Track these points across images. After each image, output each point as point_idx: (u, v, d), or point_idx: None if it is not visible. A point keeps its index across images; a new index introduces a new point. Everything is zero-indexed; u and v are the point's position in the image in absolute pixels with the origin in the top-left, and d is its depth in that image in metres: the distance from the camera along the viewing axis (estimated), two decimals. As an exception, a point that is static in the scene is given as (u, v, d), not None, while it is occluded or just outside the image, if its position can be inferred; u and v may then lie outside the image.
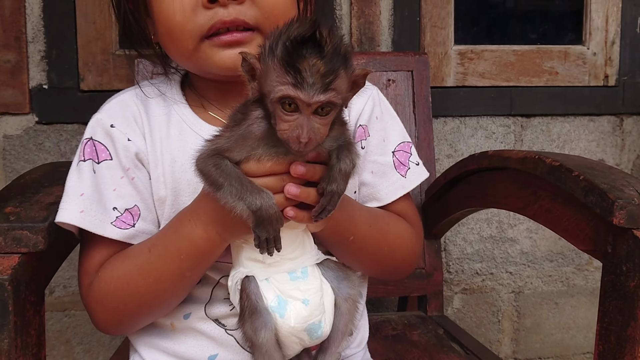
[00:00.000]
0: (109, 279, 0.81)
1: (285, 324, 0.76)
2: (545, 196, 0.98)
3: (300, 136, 0.65)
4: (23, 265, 0.76)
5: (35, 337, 0.79)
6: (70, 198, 0.81)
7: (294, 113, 0.66)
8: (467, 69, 1.69)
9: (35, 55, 1.55)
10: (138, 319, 0.85)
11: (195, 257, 0.79)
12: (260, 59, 0.69)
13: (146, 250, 0.81)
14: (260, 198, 0.69)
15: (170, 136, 0.86)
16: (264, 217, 0.69)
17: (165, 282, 0.80)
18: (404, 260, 0.95)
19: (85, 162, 0.83)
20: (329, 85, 0.65)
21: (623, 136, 1.82)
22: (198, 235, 0.77)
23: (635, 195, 0.80)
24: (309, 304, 0.76)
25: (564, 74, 1.74)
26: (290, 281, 0.77)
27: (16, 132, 1.56)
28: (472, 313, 1.81)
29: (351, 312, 0.81)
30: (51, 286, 1.60)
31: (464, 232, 1.76)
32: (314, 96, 0.64)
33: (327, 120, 0.68)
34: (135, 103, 0.88)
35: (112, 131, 0.85)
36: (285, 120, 0.66)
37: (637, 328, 0.78)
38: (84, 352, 1.65)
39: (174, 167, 0.84)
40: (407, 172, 0.95)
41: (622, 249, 0.81)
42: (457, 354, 1.21)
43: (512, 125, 1.75)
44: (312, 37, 0.64)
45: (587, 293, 1.84)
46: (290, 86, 0.64)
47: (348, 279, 0.81)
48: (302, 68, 0.63)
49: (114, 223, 0.81)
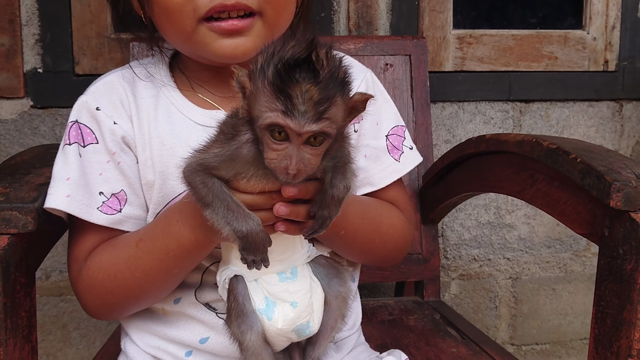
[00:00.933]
0: (97, 269, 0.80)
1: (273, 326, 0.76)
2: (542, 179, 0.97)
3: (288, 167, 0.61)
4: (12, 246, 0.75)
5: (26, 319, 0.78)
6: (57, 183, 0.80)
7: (283, 142, 0.61)
8: (465, 53, 1.68)
9: (29, 38, 1.53)
10: (127, 308, 0.84)
11: (183, 256, 0.78)
12: (250, 77, 0.64)
13: (133, 244, 0.79)
14: (247, 224, 0.67)
15: (158, 119, 0.84)
16: (251, 242, 0.67)
17: (153, 277, 0.79)
18: (395, 249, 0.95)
19: (71, 145, 0.82)
20: (323, 113, 0.60)
21: (622, 122, 1.81)
22: (186, 237, 0.76)
23: (633, 178, 0.79)
24: (297, 306, 0.76)
25: (563, 59, 1.73)
26: (280, 282, 0.76)
27: (11, 116, 1.55)
28: (469, 299, 1.81)
29: (341, 308, 0.81)
30: (47, 271, 1.60)
31: (462, 218, 1.75)
32: (305, 125, 0.59)
33: (319, 151, 0.63)
34: (122, 85, 0.86)
35: (97, 114, 0.83)
36: (273, 149, 0.61)
37: (633, 311, 0.77)
38: (81, 337, 1.65)
39: (162, 151, 0.83)
40: (400, 156, 0.94)
41: (618, 231, 0.80)
42: (453, 339, 1.21)
43: (511, 111, 1.74)
44: (307, 59, 0.59)
45: (584, 279, 1.84)
46: (280, 113, 0.59)
47: (339, 276, 0.81)
48: (293, 94, 0.58)
49: (100, 208, 0.80)
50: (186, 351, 0.83)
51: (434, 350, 1.15)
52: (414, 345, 1.17)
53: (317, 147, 0.62)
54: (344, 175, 0.69)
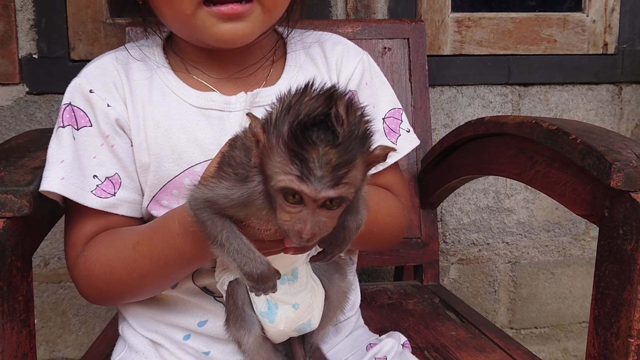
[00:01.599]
0: (94, 262, 0.79)
1: (275, 328, 0.76)
2: (541, 161, 0.97)
3: (302, 232, 0.57)
4: (8, 230, 0.74)
5: (23, 304, 0.78)
6: (51, 166, 0.79)
7: (298, 205, 0.57)
8: (464, 37, 1.66)
9: (24, 24, 1.52)
10: (122, 300, 0.85)
11: (183, 265, 0.77)
12: (264, 129, 0.58)
13: (130, 246, 0.78)
14: (257, 269, 0.65)
15: (152, 101, 0.84)
16: (260, 282, 0.67)
17: (150, 280, 0.79)
18: (392, 236, 0.95)
19: (65, 128, 0.81)
20: (342, 179, 0.55)
21: (622, 105, 1.80)
22: (187, 250, 0.75)
23: (634, 158, 0.79)
24: (299, 308, 0.76)
25: (562, 42, 1.72)
26: (281, 285, 0.75)
27: (7, 102, 1.54)
28: (468, 283, 1.81)
29: (341, 302, 0.81)
30: (46, 258, 1.60)
31: (461, 203, 1.75)
32: (321, 192, 0.55)
33: (335, 214, 0.59)
34: (116, 67, 0.85)
35: (91, 97, 0.82)
36: (287, 211, 0.58)
37: (633, 291, 0.77)
38: (80, 324, 1.65)
39: (157, 133, 0.82)
40: (397, 139, 0.93)
41: (619, 212, 0.79)
42: (452, 322, 1.21)
43: (510, 94, 1.73)
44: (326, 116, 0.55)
45: (583, 263, 1.84)
46: (295, 178, 0.55)
47: (339, 271, 0.81)
48: (309, 158, 0.54)
49: (94, 192, 0.79)
50: (184, 335, 0.83)
51: (433, 334, 1.15)
52: (414, 329, 1.17)
53: (333, 210, 0.58)
54: (356, 215, 0.67)
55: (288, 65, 0.90)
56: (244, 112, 0.82)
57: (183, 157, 0.81)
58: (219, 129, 0.82)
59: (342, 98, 0.56)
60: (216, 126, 0.83)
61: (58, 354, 1.66)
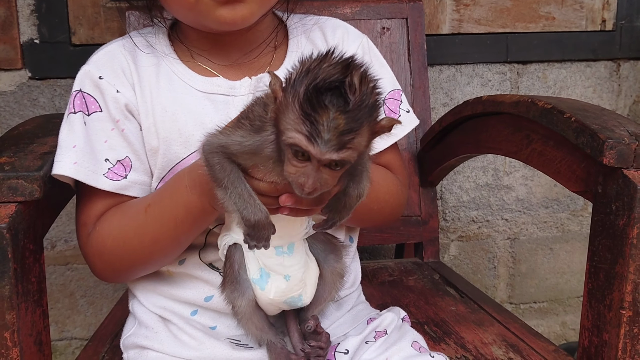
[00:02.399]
0: (106, 235, 0.82)
1: (265, 296, 0.78)
2: (537, 139, 0.99)
3: (304, 185, 0.61)
4: (20, 214, 0.77)
5: (36, 284, 0.81)
6: (63, 151, 0.82)
7: (304, 161, 0.61)
8: (462, 15, 1.67)
9: (24, 9, 1.53)
10: (134, 273, 0.87)
11: (190, 223, 0.80)
12: (284, 87, 0.62)
13: (142, 211, 0.81)
14: (255, 215, 0.68)
15: (160, 87, 0.86)
16: (256, 231, 0.69)
17: (161, 244, 0.81)
18: (391, 213, 0.98)
19: (76, 114, 0.84)
20: (347, 144, 0.59)
21: (620, 81, 1.81)
22: (193, 204, 0.78)
23: (626, 135, 0.81)
24: (290, 280, 0.78)
25: (560, 19, 1.72)
26: (276, 256, 0.78)
27: (9, 88, 1.55)
28: (468, 260, 1.83)
29: (336, 283, 0.83)
30: (52, 240, 1.63)
31: (460, 181, 1.77)
32: (326, 154, 0.59)
33: (337, 174, 0.64)
34: (123, 54, 0.88)
35: (100, 83, 0.84)
36: (294, 164, 0.62)
37: (625, 265, 0.80)
38: (88, 305, 1.68)
39: (165, 117, 0.85)
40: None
41: (611, 188, 0.82)
42: (452, 298, 1.24)
43: (508, 73, 1.74)
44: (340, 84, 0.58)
45: (581, 238, 1.87)
46: (304, 137, 0.58)
47: (335, 252, 0.83)
48: (320, 120, 0.57)
49: (106, 174, 0.82)
50: (192, 310, 0.85)
51: (433, 309, 1.18)
52: (414, 304, 1.20)
53: (336, 170, 0.63)
54: (358, 184, 0.70)
55: (290, 51, 0.92)
56: (249, 97, 0.84)
57: (190, 140, 0.84)
58: (224, 113, 0.84)
59: (358, 68, 0.60)
60: (222, 110, 0.85)
61: (67, 334, 1.69)
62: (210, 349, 0.85)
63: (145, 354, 0.86)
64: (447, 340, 1.04)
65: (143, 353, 0.86)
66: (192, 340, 0.85)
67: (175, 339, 0.86)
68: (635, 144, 0.80)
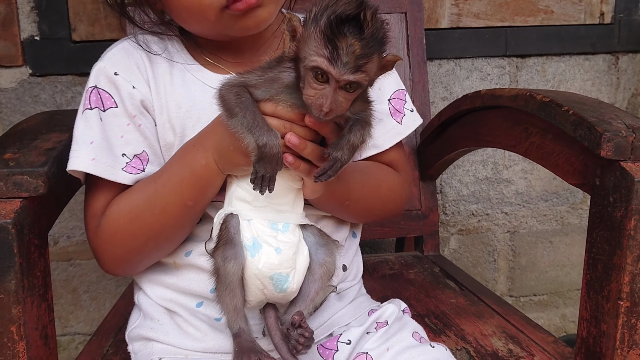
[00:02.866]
0: (118, 214, 0.83)
1: (253, 265, 0.78)
2: (536, 133, 1.00)
3: (322, 105, 0.68)
4: (25, 209, 0.78)
5: (41, 279, 0.81)
6: (80, 147, 0.83)
7: (323, 84, 0.69)
8: (461, 9, 1.67)
9: (24, 6, 1.53)
10: (145, 255, 0.87)
11: (195, 185, 0.81)
12: (304, 23, 0.71)
13: (152, 182, 0.83)
14: (268, 136, 0.72)
15: (174, 83, 0.87)
16: (267, 154, 0.72)
17: (171, 212, 0.82)
18: (394, 208, 1.00)
19: (92, 110, 0.84)
20: (361, 67, 0.67)
21: (618, 74, 1.82)
22: (198, 162, 0.80)
23: (623, 128, 0.81)
24: (281, 253, 0.78)
25: (559, 13, 1.73)
26: (270, 229, 0.79)
27: (11, 84, 1.56)
28: (468, 253, 1.85)
29: (323, 279, 0.83)
30: (55, 237, 1.64)
31: (460, 174, 1.78)
32: (344, 74, 0.67)
33: (351, 97, 0.71)
34: (137, 51, 0.89)
35: (116, 79, 0.85)
36: (313, 87, 0.69)
37: (622, 256, 0.80)
38: (91, 300, 1.69)
39: (179, 113, 0.86)
40: (402, 119, 0.97)
41: (609, 180, 0.82)
42: (452, 291, 1.25)
43: (507, 66, 1.75)
44: (356, 16, 0.66)
45: (580, 231, 1.88)
46: (325, 60, 0.67)
47: (327, 246, 0.84)
48: (340, 45, 0.66)
49: (124, 169, 0.83)
50: (197, 302, 0.86)
51: (434, 302, 1.19)
52: (415, 297, 1.21)
53: (349, 93, 0.70)
54: (363, 128, 0.76)
55: None
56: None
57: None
58: None
59: (369, 7, 0.68)
60: None
61: (70, 329, 1.71)
62: (214, 341, 0.85)
63: (150, 345, 0.87)
64: (447, 332, 1.05)
65: (148, 345, 0.87)
66: (197, 332, 0.86)
67: (181, 330, 0.87)
68: (632, 136, 0.80)
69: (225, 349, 0.85)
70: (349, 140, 0.74)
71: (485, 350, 0.99)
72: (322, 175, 0.74)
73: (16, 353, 0.77)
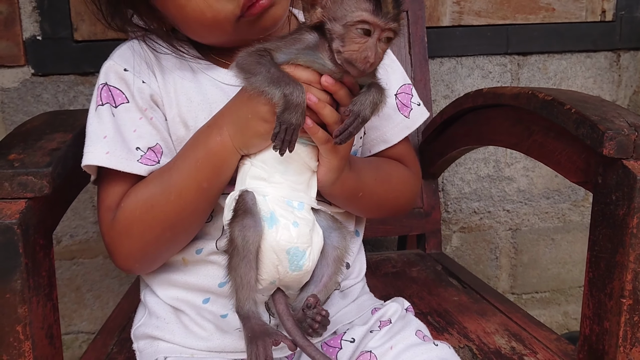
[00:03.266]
0: (134, 205, 0.82)
1: (271, 236, 0.76)
2: (538, 131, 1.00)
3: (369, 57, 0.72)
4: (30, 210, 0.78)
5: (46, 278, 0.82)
6: (93, 142, 0.83)
7: (366, 37, 0.73)
8: (462, 7, 1.68)
9: (26, 5, 1.53)
10: (162, 247, 0.85)
11: (210, 164, 0.80)
12: None
13: (166, 169, 0.83)
14: (294, 86, 0.74)
15: (184, 77, 0.87)
16: (293, 102, 0.73)
17: (186, 196, 0.81)
18: (406, 203, 1.00)
19: (104, 106, 0.85)
20: (398, 15, 0.74)
21: (620, 72, 1.82)
22: (213, 140, 0.80)
23: (625, 126, 0.81)
24: (298, 227, 0.77)
25: (560, 10, 1.73)
26: (286, 205, 0.79)
27: (13, 84, 1.56)
28: (470, 251, 1.85)
29: (337, 263, 0.83)
30: (58, 236, 1.64)
31: (462, 172, 1.78)
32: (388, 23, 0.72)
33: (386, 48, 0.76)
34: (144, 48, 0.89)
35: (125, 75, 0.86)
36: (357, 42, 0.73)
37: (625, 254, 0.81)
38: (94, 299, 1.70)
39: (190, 107, 0.86)
40: (409, 113, 0.97)
41: (611, 179, 0.83)
42: (455, 288, 1.26)
43: (509, 64, 1.75)
44: None
45: (582, 228, 1.88)
46: (370, 12, 0.72)
47: (339, 231, 0.83)
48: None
49: (139, 161, 0.83)
50: (204, 298, 0.86)
51: (436, 300, 1.19)
52: (417, 295, 1.21)
53: (385, 44, 0.75)
54: (380, 90, 0.78)
55: None
56: None
57: None
58: None
59: None
60: None
61: (74, 328, 1.71)
62: (220, 340, 0.86)
63: (156, 344, 0.87)
64: (450, 330, 1.05)
65: (154, 344, 0.88)
66: (203, 332, 0.86)
67: (186, 329, 0.87)
68: (635, 134, 0.80)
69: (230, 348, 0.86)
70: (368, 96, 0.77)
71: (488, 348, 0.99)
72: (342, 133, 0.75)
73: (22, 352, 0.78)
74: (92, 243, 1.67)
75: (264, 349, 0.75)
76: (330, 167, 0.81)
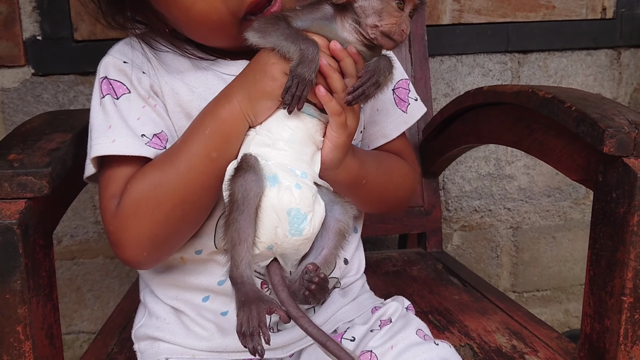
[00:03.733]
0: (142, 184, 0.80)
1: (272, 194, 0.74)
2: (538, 129, 1.00)
3: (405, 29, 0.77)
4: (30, 210, 0.78)
5: (46, 279, 0.82)
6: (99, 134, 0.82)
7: (400, 12, 0.77)
8: (462, 5, 1.67)
9: (26, 5, 1.53)
10: (172, 228, 0.81)
11: (219, 131, 0.79)
12: None
13: (174, 146, 0.82)
14: (310, 43, 0.75)
15: (185, 68, 0.87)
16: (308, 57, 0.74)
17: (196, 167, 0.79)
18: (405, 197, 1.00)
19: (105, 97, 0.84)
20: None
21: (620, 69, 1.81)
22: (221, 108, 0.79)
23: (626, 124, 0.81)
24: (301, 189, 0.76)
25: (561, 8, 1.73)
26: (290, 171, 0.77)
27: (13, 84, 1.57)
28: (471, 249, 1.85)
29: (339, 236, 0.81)
30: (58, 236, 1.64)
31: (462, 171, 1.78)
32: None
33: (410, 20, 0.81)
34: (142, 44, 0.89)
35: (125, 67, 0.86)
36: (395, 15, 0.77)
37: (625, 252, 0.81)
38: (94, 299, 1.70)
39: (192, 97, 0.85)
40: (407, 108, 0.98)
41: (612, 176, 0.82)
42: (455, 287, 1.25)
43: (509, 62, 1.75)
44: None
45: (583, 226, 1.88)
46: None
47: (341, 204, 0.82)
48: None
49: (147, 144, 0.82)
50: (203, 296, 0.86)
51: (437, 298, 1.19)
52: (418, 294, 1.21)
53: (411, 18, 0.80)
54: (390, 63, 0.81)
55: None
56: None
57: None
58: None
59: None
60: None
61: (75, 328, 1.71)
62: (221, 340, 0.86)
63: (157, 345, 0.87)
64: (451, 329, 1.05)
65: (155, 345, 0.87)
66: (204, 332, 0.86)
67: (187, 330, 0.87)
68: (635, 132, 0.80)
69: (232, 348, 0.85)
70: (380, 63, 0.79)
71: (489, 347, 0.99)
72: (356, 91, 0.77)
73: (22, 353, 0.78)
74: (93, 243, 1.67)
75: (258, 314, 0.71)
76: (336, 144, 0.79)
